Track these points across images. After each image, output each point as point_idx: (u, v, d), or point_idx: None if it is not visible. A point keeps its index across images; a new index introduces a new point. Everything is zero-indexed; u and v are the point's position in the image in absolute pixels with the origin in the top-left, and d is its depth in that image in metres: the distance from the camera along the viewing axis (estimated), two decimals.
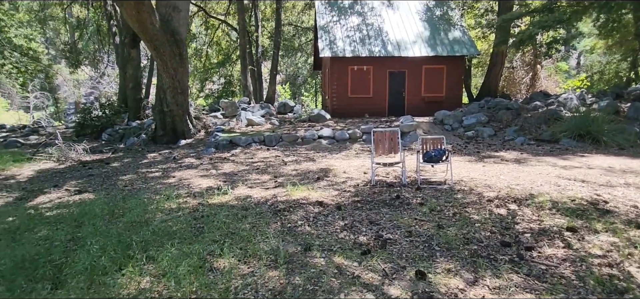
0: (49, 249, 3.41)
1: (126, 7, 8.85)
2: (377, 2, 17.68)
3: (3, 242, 3.69)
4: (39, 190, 6.26)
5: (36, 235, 3.86)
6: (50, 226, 4.14)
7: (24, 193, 6.09)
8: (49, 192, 6.06)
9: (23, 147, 11.61)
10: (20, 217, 4.50)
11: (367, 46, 14.79)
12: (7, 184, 6.88)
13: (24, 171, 8.10)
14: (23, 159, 9.22)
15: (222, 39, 26.40)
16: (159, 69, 11.16)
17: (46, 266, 3.03)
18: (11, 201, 5.63)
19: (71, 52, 23.78)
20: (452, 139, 10.54)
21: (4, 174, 7.79)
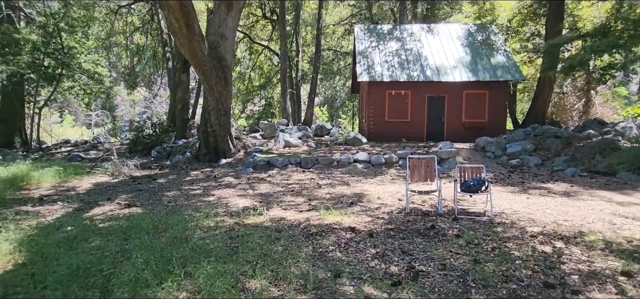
0: (100, 259, 3.71)
1: (179, 36, 9.63)
2: (417, 27, 17.70)
3: (62, 250, 4.08)
4: (95, 202, 6.85)
5: (90, 245, 4.22)
6: (102, 237, 4.51)
7: (82, 204, 6.69)
8: (102, 205, 6.60)
9: (83, 161, 12.78)
10: (77, 227, 4.95)
11: (406, 71, 14.74)
12: (68, 195, 7.59)
13: (83, 184, 8.90)
14: (83, 173, 10.14)
15: (265, 63, 27.60)
16: (205, 92, 11.90)
17: (97, 275, 3.30)
18: (71, 211, 6.20)
19: (130, 75, 26.09)
20: (494, 167, 10.06)
21: (66, 186, 8.61)
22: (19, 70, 15.29)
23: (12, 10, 16.70)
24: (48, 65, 16.53)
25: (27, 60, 15.41)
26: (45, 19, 16.43)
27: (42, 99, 18.70)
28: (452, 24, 18.31)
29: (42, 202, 6.88)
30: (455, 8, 24.90)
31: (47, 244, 4.22)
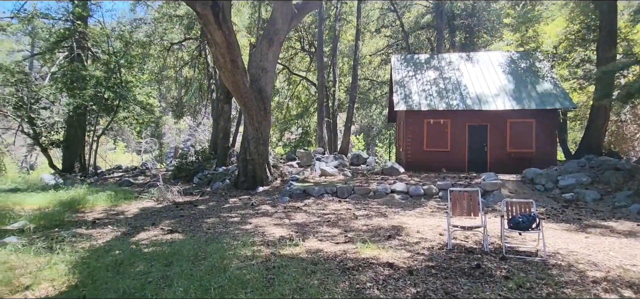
0: (144, 285, 3.85)
1: (224, 70, 10.22)
2: (455, 56, 17.42)
3: (110, 274, 4.29)
4: (141, 227, 7.21)
5: (135, 270, 4.41)
6: (147, 262, 4.70)
7: (129, 229, 7.07)
8: (147, 230, 6.93)
9: (132, 186, 13.63)
10: (124, 252, 5.21)
11: (445, 99, 14.42)
12: (118, 219, 8.08)
13: (131, 208, 9.45)
14: (131, 197, 10.79)
15: (302, 93, 28.36)
16: (245, 121, 12.38)
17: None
18: (119, 235, 6.57)
19: (177, 105, 27.89)
20: (545, 201, 9.34)
21: (116, 210, 9.19)
22: (83, 102, 16.93)
23: (82, 50, 18.75)
24: (108, 98, 18.16)
25: (90, 94, 17.04)
26: (109, 57, 18.23)
27: (101, 127, 20.44)
28: (493, 52, 17.81)
29: (94, 225, 7.37)
30: (495, 36, 24.31)
31: (97, 268, 4.47)
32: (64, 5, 18.70)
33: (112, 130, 28.04)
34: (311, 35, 25.06)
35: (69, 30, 18.36)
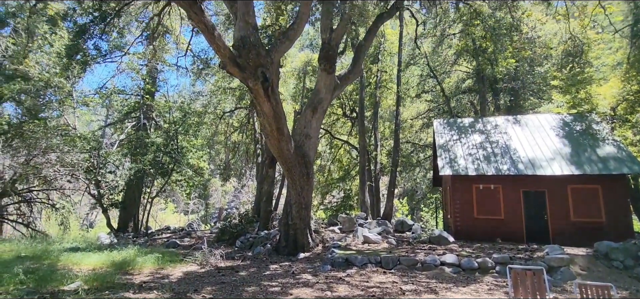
0: None
1: (270, 137, 10.73)
2: (501, 119, 16.89)
3: None
4: (183, 293, 7.26)
5: None
6: None
7: (173, 295, 7.14)
8: (190, 296, 6.94)
9: (178, 248, 14.03)
10: None
11: (493, 164, 13.72)
12: (162, 282, 8.23)
13: (175, 272, 9.64)
14: (177, 260, 11.05)
15: (344, 157, 28.65)
16: (288, 186, 12.59)
17: None
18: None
19: (225, 168, 29.38)
20: (625, 281, 8.08)
21: (161, 273, 9.41)
22: (144, 167, 18.45)
23: (147, 120, 20.92)
24: (164, 162, 19.67)
25: (150, 159, 18.60)
26: (169, 125, 20.09)
27: (155, 189, 21.89)
28: (542, 115, 17.02)
29: (141, 289, 7.55)
30: (543, 98, 23.40)
31: None
32: (137, 83, 21.35)
33: (165, 192, 29.94)
34: (352, 102, 25.88)
35: (139, 103, 20.74)
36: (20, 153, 16.59)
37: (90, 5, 12.17)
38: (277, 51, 10.83)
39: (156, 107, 21.83)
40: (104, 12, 13.01)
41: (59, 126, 18.19)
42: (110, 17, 13.32)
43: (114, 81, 21.82)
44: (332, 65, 12.47)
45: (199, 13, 8.90)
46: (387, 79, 25.32)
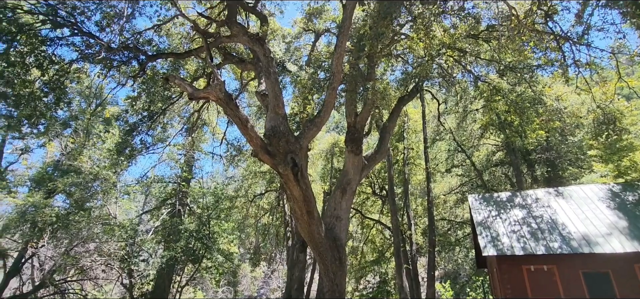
0: None
1: (300, 221, 10.68)
2: (541, 192, 16.03)
3: None
4: None
5: None
6: None
7: None
8: None
9: None
10: None
11: (542, 242, 12.65)
12: None
13: None
14: None
15: (376, 237, 27.62)
16: (320, 273, 12.08)
17: None
18: None
19: (255, 253, 28.98)
20: None
21: None
22: (175, 254, 18.61)
23: (182, 207, 21.65)
24: (196, 249, 19.79)
25: (182, 245, 18.81)
26: (202, 211, 20.63)
27: (185, 278, 21.70)
28: (587, 186, 16.00)
29: None
30: (583, 167, 22.23)
31: None
32: (175, 172, 22.62)
33: (194, 279, 29.55)
34: (381, 180, 25.73)
35: (175, 190, 21.71)
36: (62, 244, 17.36)
37: (141, 107, 13.58)
38: (306, 137, 11.31)
39: (191, 193, 22.70)
40: (152, 111, 14.44)
41: (101, 216, 19.14)
42: (156, 114, 14.76)
43: (154, 170, 23.28)
44: (358, 147, 12.75)
45: (234, 108, 9.68)
46: (414, 155, 25.33)
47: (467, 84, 13.80)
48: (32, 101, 10.35)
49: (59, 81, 10.62)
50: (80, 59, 10.75)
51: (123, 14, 10.32)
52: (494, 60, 11.14)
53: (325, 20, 14.57)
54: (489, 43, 10.70)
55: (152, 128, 16.36)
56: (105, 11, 10.28)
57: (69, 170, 17.20)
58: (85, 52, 10.52)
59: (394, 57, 12.82)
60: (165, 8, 11.79)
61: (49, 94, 10.78)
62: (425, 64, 9.18)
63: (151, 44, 12.25)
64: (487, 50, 11.33)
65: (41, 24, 9.64)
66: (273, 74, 11.31)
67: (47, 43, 10.03)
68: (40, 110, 10.82)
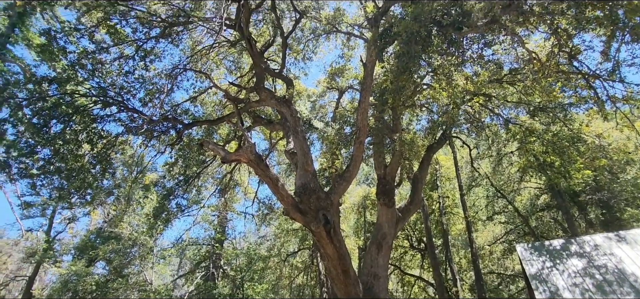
0: None
1: (336, 281, 10.27)
2: (600, 237, 14.53)
3: None
4: None
5: None
6: None
7: None
8: None
9: None
10: None
11: (611, 296, 11.22)
12: None
13: None
14: None
15: (419, 295, 25.75)
16: None
17: None
18: None
19: None
20: None
21: None
22: None
23: (216, 269, 21.64)
24: None
25: None
26: (235, 273, 20.46)
27: None
28: None
29: None
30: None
31: None
32: (209, 233, 22.99)
33: None
34: (418, 232, 24.58)
35: (209, 252, 21.88)
36: None
37: (177, 172, 14.29)
38: (336, 193, 11.24)
39: (224, 255, 22.73)
40: (187, 175, 15.12)
41: (138, 282, 19.45)
42: (191, 178, 15.42)
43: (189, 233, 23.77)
44: (390, 199, 12.44)
45: (264, 169, 9.94)
46: (450, 204, 24.22)
47: (498, 127, 13.38)
48: (81, 173, 11.23)
49: (105, 154, 11.54)
50: (125, 132, 11.70)
51: (163, 90, 11.30)
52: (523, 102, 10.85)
53: (347, 78, 15.12)
54: (514, 86, 10.52)
55: (187, 191, 17.01)
56: (148, 88, 11.33)
57: (110, 237, 17.99)
58: (130, 125, 11.48)
59: (418, 107, 12.86)
60: (200, 81, 12.84)
61: (96, 165, 11.69)
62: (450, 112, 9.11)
63: (188, 113, 13.18)
64: (514, 92, 11.11)
65: (93, 104, 10.74)
66: (300, 132, 11.65)
67: (97, 120, 11.07)
68: (88, 181, 11.68)
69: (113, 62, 10.55)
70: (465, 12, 6.35)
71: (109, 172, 12.63)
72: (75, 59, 9.78)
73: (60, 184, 11.22)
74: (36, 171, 10.81)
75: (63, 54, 9.47)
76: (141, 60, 10.63)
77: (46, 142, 10.16)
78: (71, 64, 9.70)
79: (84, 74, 10.10)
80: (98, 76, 10.30)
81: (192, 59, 12.12)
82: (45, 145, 10.29)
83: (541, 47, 7.94)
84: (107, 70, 10.37)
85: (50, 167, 10.69)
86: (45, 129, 10.01)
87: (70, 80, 9.74)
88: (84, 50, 9.87)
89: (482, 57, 8.22)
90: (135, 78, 10.85)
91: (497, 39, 7.76)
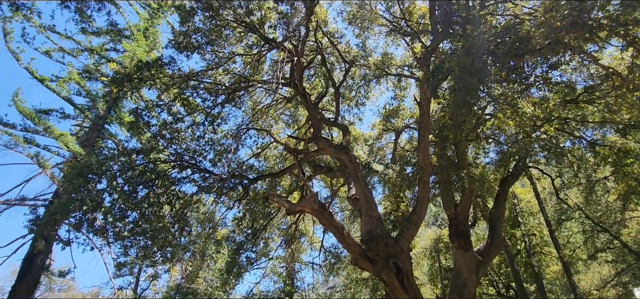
0: None
1: None
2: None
3: None
4: None
5: None
6: None
7: None
8: None
9: None
10: None
11: None
12: None
13: None
14: None
15: None
16: None
17: None
18: None
19: None
20: None
21: None
22: None
23: None
24: None
25: None
26: None
27: None
28: None
29: None
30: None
31: None
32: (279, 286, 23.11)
33: None
34: (504, 276, 21.89)
35: None
36: None
37: (245, 225, 14.97)
38: (405, 238, 10.67)
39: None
40: (255, 228, 15.74)
41: None
42: (259, 231, 16.01)
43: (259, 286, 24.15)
44: (466, 241, 11.42)
45: (329, 217, 9.94)
46: (539, 242, 21.35)
47: (582, 151, 11.78)
48: (163, 232, 12.34)
49: (183, 213, 12.62)
50: (198, 192, 12.76)
51: (230, 149, 12.26)
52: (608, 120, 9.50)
53: (402, 118, 14.91)
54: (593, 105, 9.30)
55: (256, 244, 17.57)
56: (216, 149, 12.39)
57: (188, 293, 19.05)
58: (202, 185, 12.51)
59: (483, 140, 12.01)
60: (261, 137, 13.72)
61: (175, 224, 12.80)
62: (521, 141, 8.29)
63: (252, 169, 14.00)
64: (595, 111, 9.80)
65: (172, 169, 12.01)
66: (361, 177, 11.55)
67: (175, 183, 12.28)
68: (168, 240, 12.77)
69: (187, 130, 11.86)
70: (521, 38, 5.95)
71: (186, 230, 13.70)
72: (157, 130, 11.23)
73: (146, 243, 12.40)
74: (127, 233, 12.16)
75: (147, 128, 10.94)
76: (210, 124, 11.79)
77: (134, 206, 11.48)
78: (153, 135, 11.13)
79: (164, 143, 11.46)
80: (175, 143, 11.59)
81: (253, 118, 13.11)
82: (133, 209, 11.62)
83: (619, 60, 6.96)
84: (182, 137, 11.64)
85: (138, 229, 11.96)
86: (133, 195, 11.35)
87: (153, 149, 11.12)
88: (164, 122, 11.31)
89: (548, 79, 7.50)
90: (205, 142, 11.99)
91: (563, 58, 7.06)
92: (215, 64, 10.97)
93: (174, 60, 10.38)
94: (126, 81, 10.27)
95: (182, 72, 10.41)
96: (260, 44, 11.55)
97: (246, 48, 11.80)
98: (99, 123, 14.90)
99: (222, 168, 12.55)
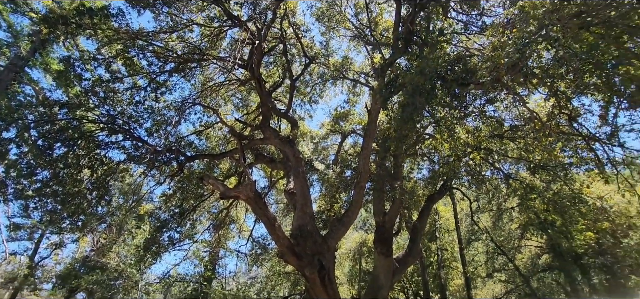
0: None
1: None
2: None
3: None
4: None
5: None
6: None
7: None
8: None
9: None
10: None
11: None
12: None
13: None
14: None
15: None
16: None
17: None
18: None
19: None
20: None
21: None
22: None
23: None
24: None
25: None
26: None
27: None
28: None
29: None
30: None
31: None
32: (198, 270, 22.24)
33: None
34: (415, 284, 23.82)
35: (196, 291, 21.01)
36: None
37: (174, 204, 14.12)
38: (333, 238, 11.04)
39: (212, 294, 21.83)
40: (183, 208, 14.92)
41: None
42: (187, 211, 15.18)
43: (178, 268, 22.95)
44: (388, 248, 12.19)
45: (263, 207, 9.87)
46: (449, 257, 23.70)
47: (498, 181, 13.45)
48: (77, 198, 11.08)
49: (104, 180, 11.46)
50: (127, 160, 11.71)
51: (171, 122, 11.47)
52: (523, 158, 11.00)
53: (351, 123, 15.42)
54: (514, 142, 10.71)
55: (182, 224, 16.69)
56: (155, 119, 11.49)
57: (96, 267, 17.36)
58: (133, 154, 11.50)
59: (419, 156, 12.99)
60: (207, 115, 13.06)
61: (93, 191, 11.57)
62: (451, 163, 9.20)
63: (191, 146, 13.27)
64: (514, 148, 11.30)
65: (100, 131, 10.85)
66: (302, 173, 11.66)
67: (101, 146, 11.11)
68: (82, 207, 11.50)
69: (125, 92, 10.80)
70: (469, 69, 6.63)
71: (105, 200, 12.47)
72: (89, 86, 10.03)
73: (54, 207, 11.03)
74: (31, 193, 10.69)
75: (78, 81, 9.72)
76: (152, 91, 10.88)
77: (47, 164, 10.14)
78: (84, 90, 9.93)
79: (95, 101, 10.30)
80: (109, 103, 10.49)
81: (201, 94, 12.42)
82: (45, 167, 10.25)
83: (541, 107, 8.18)
84: (118, 99, 10.58)
85: (46, 190, 10.58)
86: (48, 151, 10.02)
87: (81, 105, 9.92)
88: (99, 79, 10.15)
89: (483, 112, 8.47)
90: (144, 108, 11.04)
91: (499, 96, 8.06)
92: (170, 28, 10.17)
93: (123, 13, 9.39)
94: (61, 23, 9.00)
95: (131, 28, 9.45)
96: (222, 18, 10.98)
97: (207, 19, 11.13)
98: (18, 64, 12.80)
99: (158, 140, 11.69)
